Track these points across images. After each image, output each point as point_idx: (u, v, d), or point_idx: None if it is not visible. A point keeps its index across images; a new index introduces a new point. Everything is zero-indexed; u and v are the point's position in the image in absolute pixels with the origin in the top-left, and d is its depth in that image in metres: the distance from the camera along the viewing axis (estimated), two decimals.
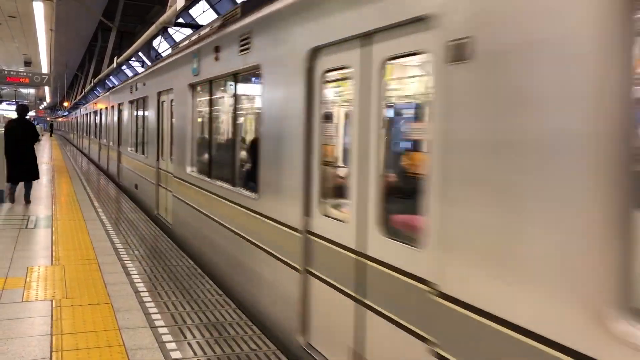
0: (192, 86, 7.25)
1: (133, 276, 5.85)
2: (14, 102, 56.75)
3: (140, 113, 11.87)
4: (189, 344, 4.14)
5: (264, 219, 4.76)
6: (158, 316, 4.68)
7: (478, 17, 2.37)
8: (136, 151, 12.29)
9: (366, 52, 3.32)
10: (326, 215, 3.81)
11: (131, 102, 12.92)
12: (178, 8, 9.10)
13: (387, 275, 3.07)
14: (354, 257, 3.41)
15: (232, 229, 5.60)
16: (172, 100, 8.62)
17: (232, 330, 4.46)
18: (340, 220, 3.61)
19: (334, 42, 3.64)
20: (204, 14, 24.32)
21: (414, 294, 2.82)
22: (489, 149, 2.31)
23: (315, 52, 3.92)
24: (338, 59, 3.67)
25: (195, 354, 3.97)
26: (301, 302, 4.05)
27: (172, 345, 4.08)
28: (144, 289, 5.41)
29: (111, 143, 16.81)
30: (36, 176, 10.72)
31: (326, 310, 3.77)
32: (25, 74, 28.54)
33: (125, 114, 13.92)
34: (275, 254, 4.51)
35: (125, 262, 6.45)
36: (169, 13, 9.41)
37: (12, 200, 10.55)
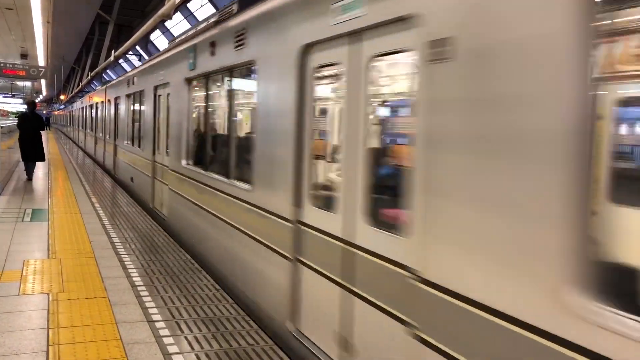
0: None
1: (130, 270, 5.84)
2: (9, 95, 56.20)
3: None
4: (186, 338, 4.13)
5: (257, 209, 4.74)
6: (155, 310, 4.67)
7: (458, 17, 2.40)
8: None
9: (355, 49, 3.35)
10: (316, 207, 3.85)
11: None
12: (176, 1, 9.04)
13: (372, 262, 3.14)
14: (342, 245, 3.47)
15: (227, 220, 5.56)
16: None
17: (229, 325, 4.46)
18: (329, 211, 3.65)
19: (324, 39, 3.64)
20: (202, 8, 24.22)
21: (396, 279, 2.88)
22: (468, 147, 2.35)
23: (307, 49, 3.91)
24: (329, 55, 3.67)
25: (192, 348, 3.96)
26: (291, 289, 4.11)
27: (169, 340, 4.07)
28: (141, 283, 5.40)
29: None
30: (42, 158, 13.32)
31: (315, 297, 3.84)
32: (21, 66, 28.35)
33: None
34: (268, 243, 4.54)
35: (122, 256, 6.43)
36: (167, 6, 9.35)
37: (30, 178, 13.01)
